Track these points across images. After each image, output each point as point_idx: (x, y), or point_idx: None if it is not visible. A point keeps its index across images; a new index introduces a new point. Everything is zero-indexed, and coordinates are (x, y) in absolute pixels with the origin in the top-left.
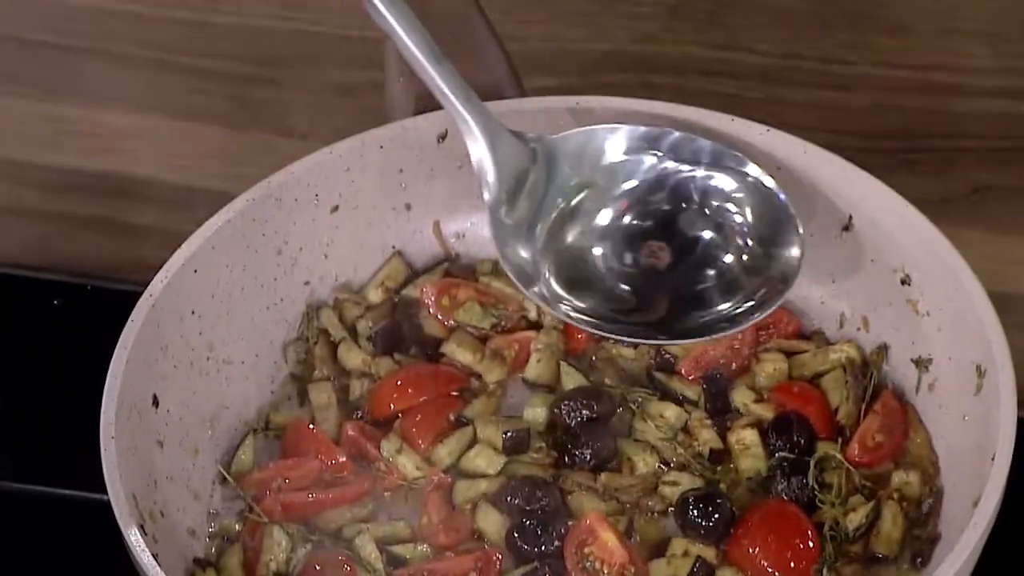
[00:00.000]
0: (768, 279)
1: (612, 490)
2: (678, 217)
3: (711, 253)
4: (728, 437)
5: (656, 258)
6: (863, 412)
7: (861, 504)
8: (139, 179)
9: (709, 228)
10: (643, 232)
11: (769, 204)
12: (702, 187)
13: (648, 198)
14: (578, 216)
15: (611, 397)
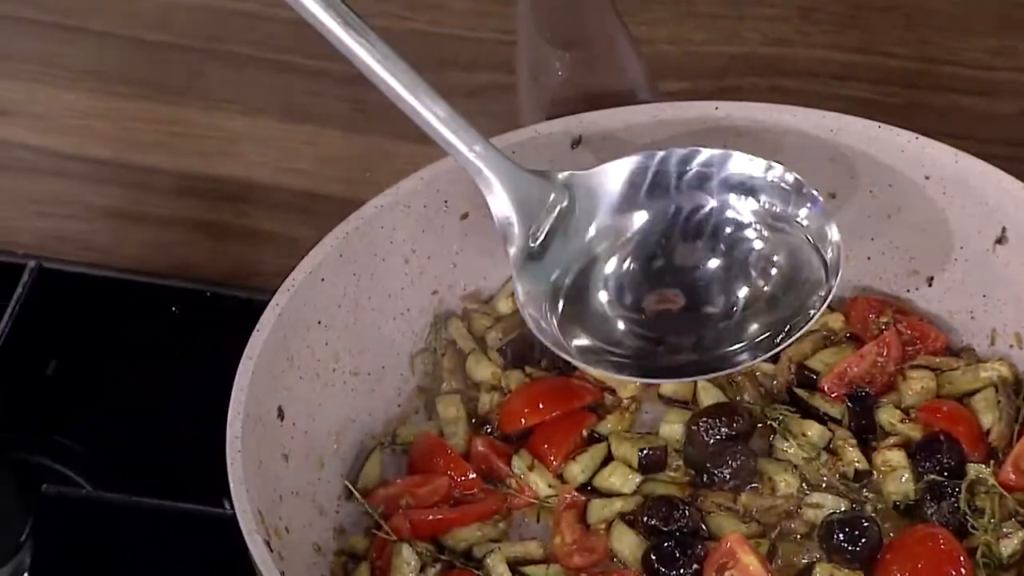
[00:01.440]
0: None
1: (753, 511)
2: (699, 250)
3: (737, 284)
4: (874, 458)
5: (673, 301)
6: (1017, 433)
7: (1016, 530)
8: (256, 183)
9: (733, 259)
10: (663, 271)
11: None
12: (724, 215)
13: (672, 234)
14: (601, 260)
15: (750, 414)
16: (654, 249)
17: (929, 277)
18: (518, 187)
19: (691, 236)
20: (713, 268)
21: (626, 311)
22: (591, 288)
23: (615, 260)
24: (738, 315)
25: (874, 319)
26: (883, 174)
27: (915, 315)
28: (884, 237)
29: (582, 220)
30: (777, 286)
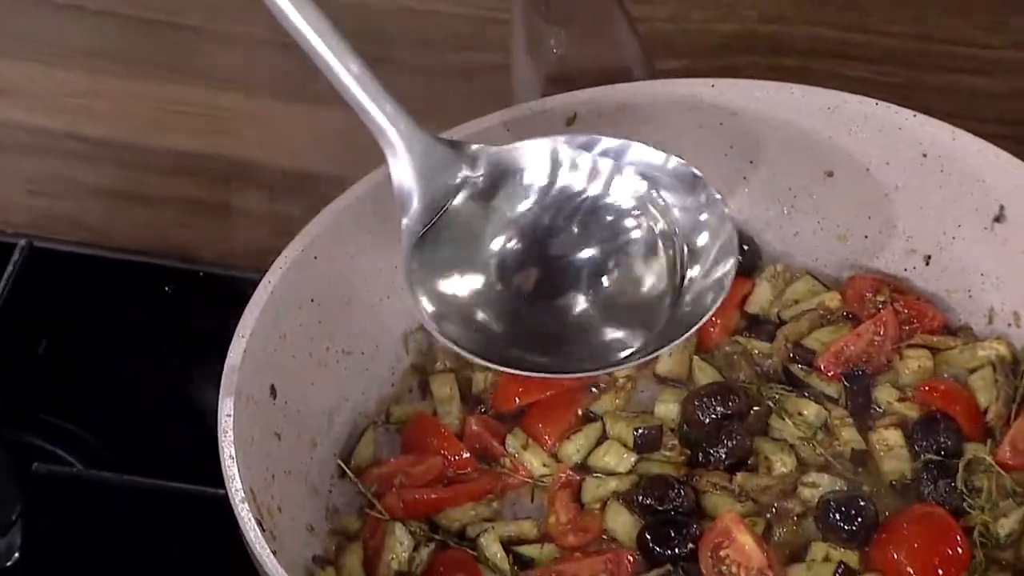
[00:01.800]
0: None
1: (748, 491)
2: (587, 240)
3: (620, 279)
4: (870, 437)
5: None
6: (1015, 413)
7: (1013, 509)
8: (251, 162)
9: (621, 252)
10: (553, 258)
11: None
12: (615, 206)
13: (573, 219)
14: (494, 238)
15: (746, 393)
16: (546, 234)
17: (927, 256)
18: (424, 155)
19: (583, 224)
20: (599, 259)
21: (512, 295)
22: (479, 266)
23: (507, 240)
24: (617, 312)
25: (871, 298)
26: (880, 152)
27: (912, 294)
28: (881, 215)
29: (483, 196)
30: (660, 287)
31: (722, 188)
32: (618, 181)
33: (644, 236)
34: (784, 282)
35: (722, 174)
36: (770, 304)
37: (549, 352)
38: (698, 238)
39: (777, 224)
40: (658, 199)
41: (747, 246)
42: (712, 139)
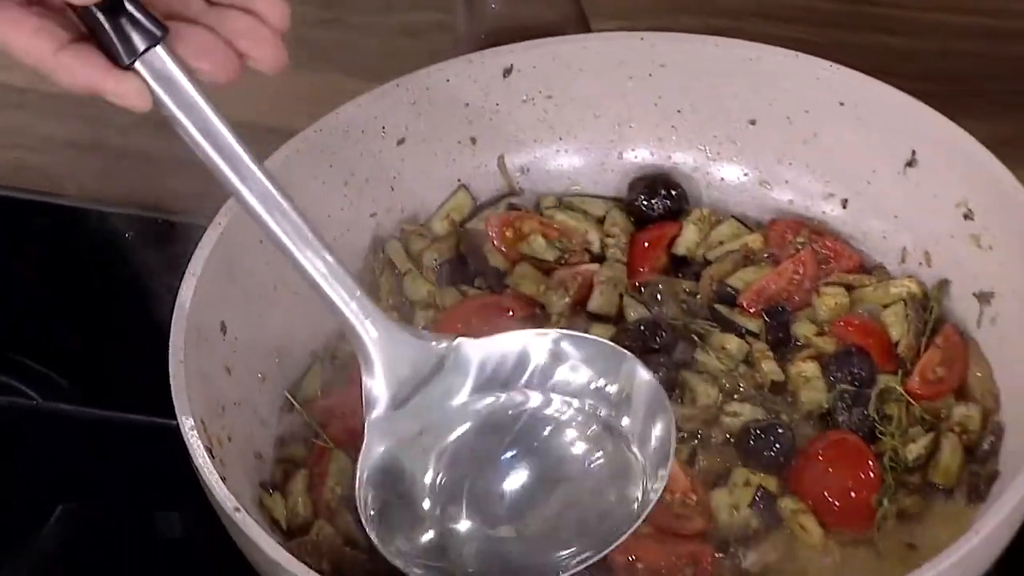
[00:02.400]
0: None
1: None
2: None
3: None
4: (789, 369)
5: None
6: (924, 346)
7: (921, 436)
8: None
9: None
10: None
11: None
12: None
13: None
14: (446, 439)
15: (673, 329)
16: (507, 432)
17: (844, 199)
18: (396, 356)
19: (531, 429)
20: (544, 469)
21: (459, 498)
22: (431, 467)
23: (468, 438)
24: (570, 516)
25: (791, 239)
26: (800, 101)
27: (830, 235)
28: (801, 161)
29: (442, 392)
30: (604, 495)
31: (652, 137)
32: (577, 390)
33: (587, 441)
34: (710, 225)
35: (652, 123)
36: (696, 246)
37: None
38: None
39: (704, 170)
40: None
41: (675, 191)
42: (642, 90)
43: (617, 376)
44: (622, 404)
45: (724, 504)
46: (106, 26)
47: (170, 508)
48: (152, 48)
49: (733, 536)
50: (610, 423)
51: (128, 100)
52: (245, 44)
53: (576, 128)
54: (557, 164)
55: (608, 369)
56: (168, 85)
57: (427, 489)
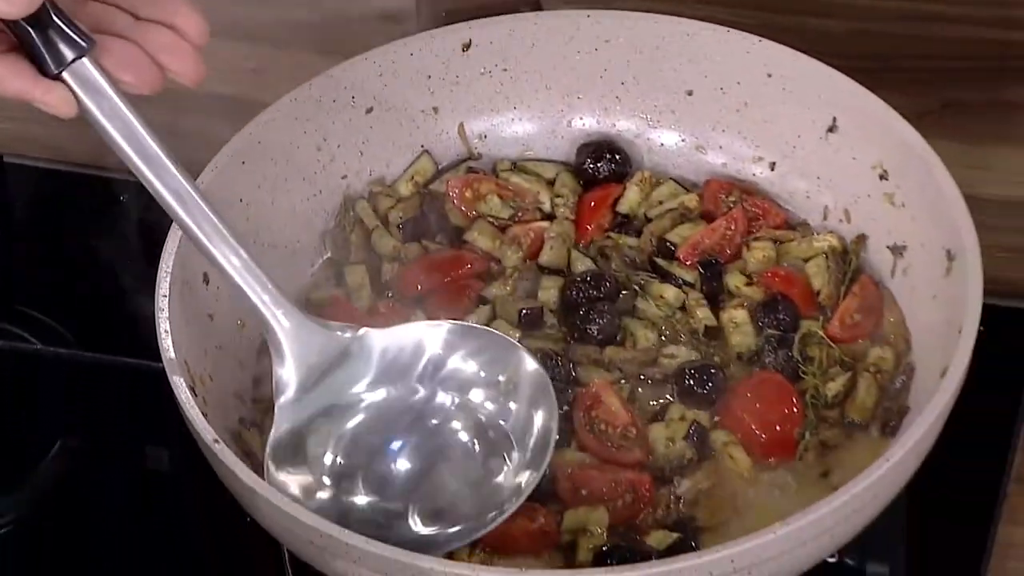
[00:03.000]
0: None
1: (616, 362)
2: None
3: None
4: (721, 316)
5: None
6: (843, 294)
7: (840, 375)
8: (196, 92)
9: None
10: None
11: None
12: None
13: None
14: (353, 421)
15: (616, 280)
16: (400, 421)
17: (772, 162)
18: (305, 344)
19: (421, 418)
20: (432, 456)
21: (365, 477)
22: (337, 440)
23: (365, 424)
24: (463, 489)
25: (724, 198)
26: (732, 73)
27: (760, 195)
28: (733, 128)
29: (347, 379)
30: (486, 480)
31: (598, 106)
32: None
33: (491, 423)
34: (650, 186)
35: (598, 94)
36: (638, 205)
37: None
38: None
39: (645, 136)
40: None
41: (619, 155)
42: (589, 63)
43: (506, 366)
44: (509, 392)
45: (661, 437)
46: (35, 38)
47: (159, 444)
48: (79, 59)
49: (669, 466)
50: (495, 413)
51: (54, 108)
52: (166, 58)
53: (529, 98)
54: (512, 131)
55: (497, 359)
56: (93, 94)
57: (326, 468)
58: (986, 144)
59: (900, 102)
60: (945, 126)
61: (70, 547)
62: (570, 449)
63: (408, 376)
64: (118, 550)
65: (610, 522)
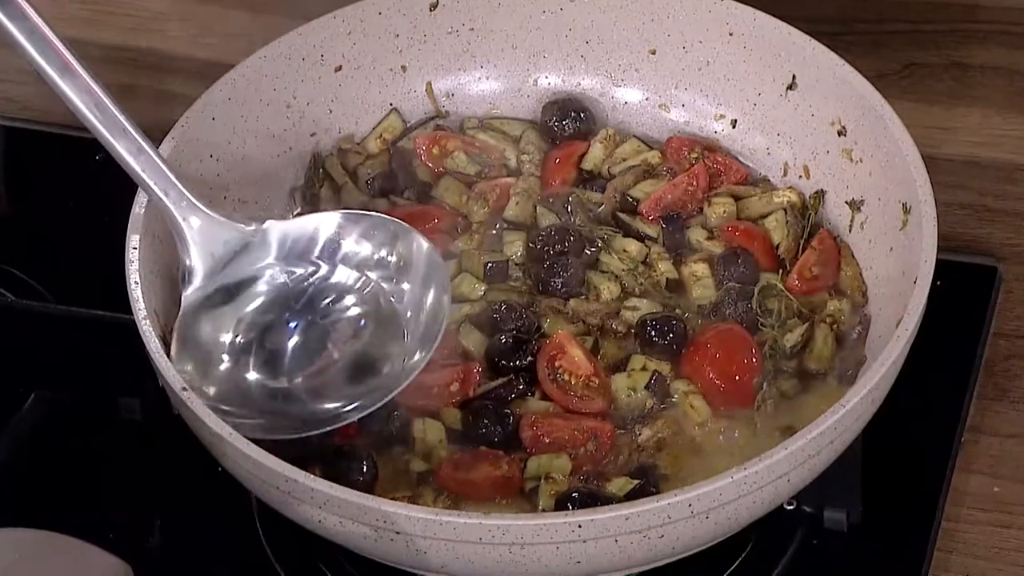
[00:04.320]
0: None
1: (580, 314)
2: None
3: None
4: (683, 270)
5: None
6: (802, 248)
7: (797, 326)
8: (173, 55)
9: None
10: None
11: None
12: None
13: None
14: (259, 312)
15: (580, 234)
16: (298, 301)
17: (733, 120)
18: (209, 237)
19: (317, 296)
20: (327, 332)
21: (264, 356)
22: (243, 330)
23: (265, 305)
24: (357, 370)
25: (686, 155)
26: (694, 32)
27: (721, 151)
28: (696, 86)
29: (253, 264)
30: (379, 357)
31: (563, 65)
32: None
33: (369, 306)
34: (614, 143)
35: (563, 53)
36: (602, 162)
37: (303, 406)
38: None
39: (609, 94)
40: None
41: (583, 113)
42: (554, 23)
43: (399, 246)
44: (402, 272)
45: (623, 386)
46: None
47: (131, 395)
48: None
49: (631, 415)
50: (388, 292)
51: None
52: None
53: (496, 57)
54: (479, 90)
55: (390, 240)
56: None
57: (227, 348)
58: (945, 105)
59: (861, 64)
60: (905, 87)
61: (44, 499)
62: (534, 398)
63: (306, 259)
64: (92, 501)
65: (572, 469)
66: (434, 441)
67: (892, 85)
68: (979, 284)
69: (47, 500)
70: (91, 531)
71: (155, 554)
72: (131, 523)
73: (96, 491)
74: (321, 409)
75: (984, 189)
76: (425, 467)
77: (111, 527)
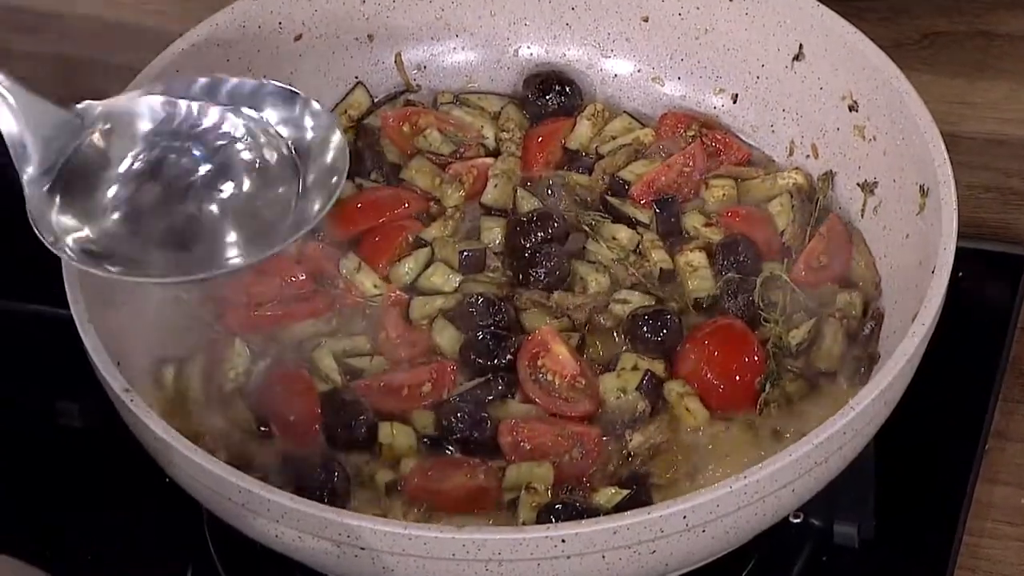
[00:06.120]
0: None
1: (565, 308)
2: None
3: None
4: (678, 259)
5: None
6: (809, 235)
7: (804, 321)
8: (121, 23)
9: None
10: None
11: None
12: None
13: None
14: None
15: (565, 220)
16: (170, 165)
17: (734, 94)
18: (34, 113)
19: (203, 153)
20: (215, 177)
21: (139, 218)
22: (109, 200)
23: (133, 174)
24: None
25: (682, 133)
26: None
27: (720, 129)
28: (693, 57)
29: (102, 144)
30: (269, 208)
31: (546, 34)
32: (228, 114)
33: (258, 155)
34: (603, 120)
35: (546, 20)
36: (589, 140)
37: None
38: (310, 149)
39: (598, 67)
40: (268, 125)
41: (568, 87)
42: None
43: (292, 112)
44: (294, 122)
45: (612, 388)
46: None
47: (70, 399)
48: None
49: (620, 419)
50: (280, 144)
51: None
52: None
53: (472, 25)
54: (454, 61)
55: (280, 105)
56: None
57: (102, 205)
58: (968, 77)
59: (875, 32)
60: (924, 58)
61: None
62: (513, 400)
63: (182, 110)
64: (27, 514)
65: (555, 479)
66: (403, 447)
67: (909, 55)
68: (1004, 274)
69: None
70: (18, 545)
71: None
72: (65, 539)
73: (28, 502)
74: (209, 259)
75: (1010, 170)
76: (393, 476)
77: (43, 542)
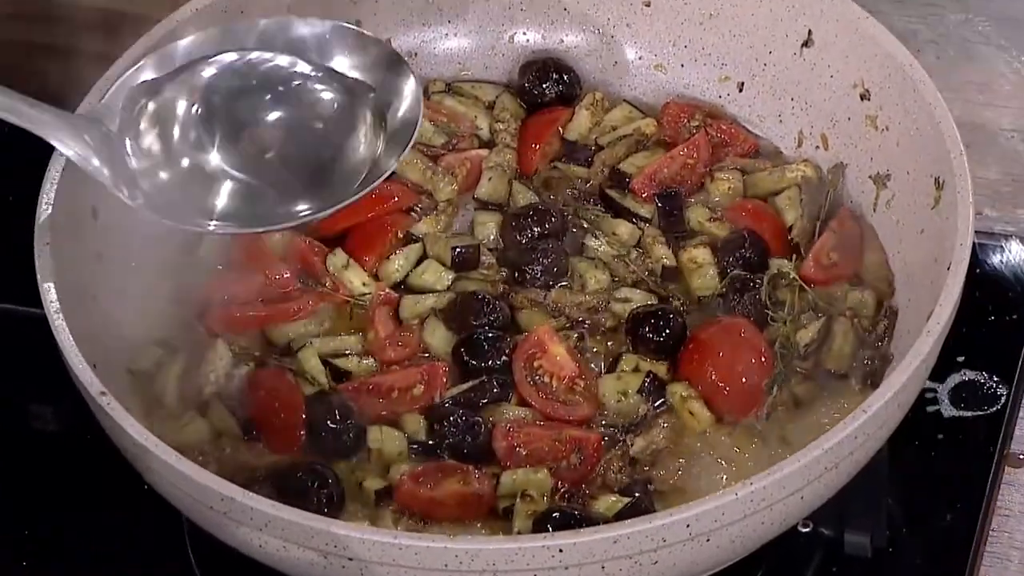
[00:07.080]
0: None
1: (562, 306)
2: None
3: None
4: (681, 255)
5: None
6: (819, 230)
7: (813, 321)
8: (86, 5)
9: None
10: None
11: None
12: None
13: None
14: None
15: (563, 215)
16: (235, 112)
17: (740, 82)
18: (77, 132)
19: (278, 98)
20: (289, 125)
21: (227, 149)
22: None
23: (222, 92)
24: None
25: (685, 123)
26: None
27: (726, 119)
28: (697, 44)
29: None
30: (340, 160)
31: (543, 18)
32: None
33: (335, 99)
34: (603, 110)
35: (543, 5)
36: (588, 131)
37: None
38: (388, 96)
39: (597, 54)
40: (341, 68)
41: (566, 75)
42: None
43: (365, 54)
44: (370, 67)
45: (612, 390)
46: None
47: (44, 402)
48: None
49: (621, 423)
50: (357, 92)
51: None
52: None
53: (466, 10)
54: (446, 48)
55: (354, 48)
56: None
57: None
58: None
59: (888, 17)
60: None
61: None
62: (509, 403)
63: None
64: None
65: (553, 486)
66: (394, 453)
67: (921, 44)
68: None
69: None
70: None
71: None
72: (38, 546)
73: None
74: (276, 208)
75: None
76: (383, 483)
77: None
